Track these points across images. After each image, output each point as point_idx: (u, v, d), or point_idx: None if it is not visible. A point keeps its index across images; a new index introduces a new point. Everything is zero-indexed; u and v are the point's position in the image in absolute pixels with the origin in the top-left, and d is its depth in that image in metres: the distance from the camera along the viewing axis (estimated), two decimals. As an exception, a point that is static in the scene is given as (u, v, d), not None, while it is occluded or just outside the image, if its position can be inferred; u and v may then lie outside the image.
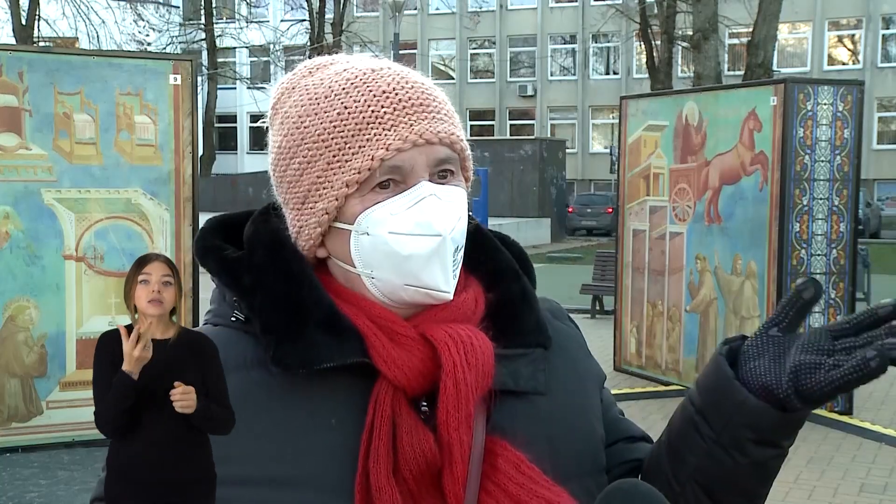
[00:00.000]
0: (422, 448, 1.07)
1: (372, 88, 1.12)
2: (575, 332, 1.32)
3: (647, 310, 9.17)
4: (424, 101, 1.14)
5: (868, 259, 11.73)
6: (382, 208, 1.11)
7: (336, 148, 1.12)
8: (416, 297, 1.13)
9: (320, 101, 1.14)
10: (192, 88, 6.78)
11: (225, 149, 45.04)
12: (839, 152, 7.64)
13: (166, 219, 6.69)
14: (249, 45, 37.58)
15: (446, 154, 1.14)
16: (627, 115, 9.42)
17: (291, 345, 1.10)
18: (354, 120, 1.11)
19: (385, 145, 1.10)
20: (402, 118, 1.11)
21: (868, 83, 17.75)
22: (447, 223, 1.11)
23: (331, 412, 1.11)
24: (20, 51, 7.27)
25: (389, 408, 1.09)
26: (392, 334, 1.11)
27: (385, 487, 1.06)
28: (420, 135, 1.11)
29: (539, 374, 1.19)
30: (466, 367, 1.09)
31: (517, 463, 1.10)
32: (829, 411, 7.69)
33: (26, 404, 6.45)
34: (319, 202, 1.13)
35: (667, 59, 23.71)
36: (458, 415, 1.08)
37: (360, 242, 1.12)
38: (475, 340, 1.11)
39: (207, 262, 1.20)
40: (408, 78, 1.15)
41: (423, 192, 1.11)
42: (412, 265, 1.11)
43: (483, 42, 44.19)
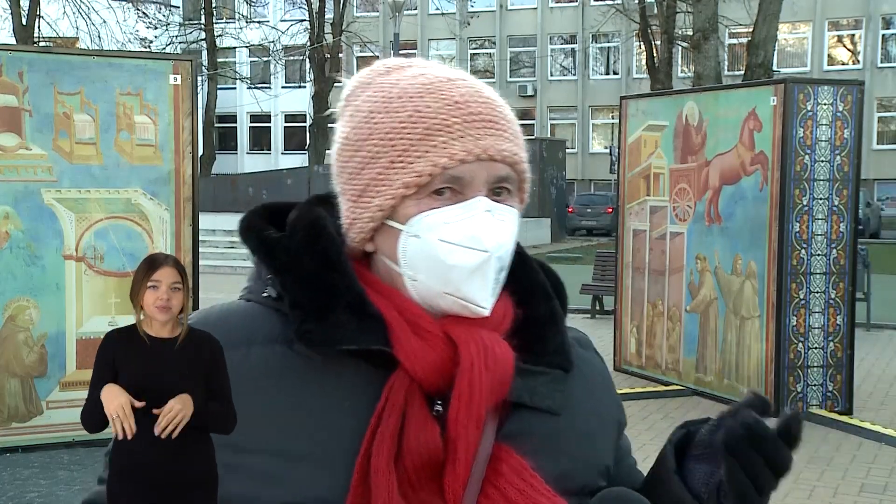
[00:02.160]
0: (426, 439, 1.09)
1: (445, 97, 1.14)
2: (601, 367, 1.33)
3: (648, 310, 9.17)
4: (494, 117, 1.15)
5: (868, 259, 11.73)
6: (437, 215, 1.12)
7: (401, 149, 1.13)
8: (453, 307, 1.14)
9: (393, 101, 1.16)
10: (192, 88, 6.78)
11: (225, 149, 45.02)
12: (839, 152, 7.64)
13: (166, 219, 6.69)
14: (249, 44, 37.58)
15: (506, 173, 1.15)
16: (627, 115, 9.42)
17: (317, 322, 1.13)
18: (423, 124, 1.13)
19: (450, 154, 1.12)
20: (470, 131, 1.13)
21: (868, 83, 17.75)
22: (496, 241, 1.12)
23: (346, 395, 1.13)
24: (20, 51, 7.27)
25: (402, 397, 1.10)
26: (416, 328, 1.13)
27: (383, 471, 1.07)
28: (485, 150, 1.12)
29: (556, 394, 1.20)
30: (484, 369, 1.10)
31: (520, 470, 1.11)
32: (830, 411, 7.69)
33: (26, 404, 6.45)
34: (376, 198, 1.15)
35: (667, 59, 23.72)
36: (469, 413, 1.09)
37: (409, 244, 1.14)
38: (497, 347, 1.13)
39: (248, 240, 1.22)
40: (481, 92, 1.17)
41: (479, 206, 1.12)
42: (455, 275, 1.12)
43: (483, 42, 44.19)
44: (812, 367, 7.73)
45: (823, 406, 7.73)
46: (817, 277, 7.66)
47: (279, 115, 45.20)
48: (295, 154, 43.77)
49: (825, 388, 7.77)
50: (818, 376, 7.74)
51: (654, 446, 6.92)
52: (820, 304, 7.69)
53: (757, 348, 7.83)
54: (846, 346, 7.80)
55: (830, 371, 7.77)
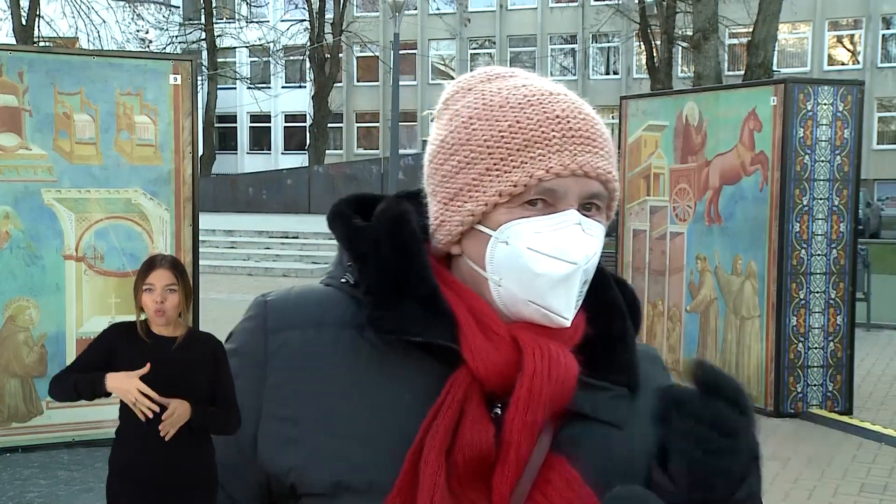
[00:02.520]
0: (479, 437, 1.11)
1: (547, 110, 1.16)
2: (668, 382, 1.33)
3: (648, 310, 9.17)
4: (592, 134, 1.17)
5: (868, 259, 11.74)
6: (528, 223, 1.14)
7: (498, 157, 1.16)
8: (534, 315, 1.16)
9: (494, 109, 1.18)
10: (192, 88, 6.78)
11: (225, 149, 45.03)
12: (839, 152, 7.64)
13: (166, 219, 6.69)
14: (249, 44, 37.59)
15: (598, 189, 1.17)
16: (627, 115, 9.42)
17: (388, 310, 1.16)
18: (524, 135, 1.15)
19: (546, 167, 1.14)
20: (568, 146, 1.15)
21: (868, 83, 17.74)
22: (584, 254, 1.14)
23: (408, 386, 1.16)
24: (20, 51, 7.28)
25: (462, 394, 1.13)
26: (485, 328, 1.15)
27: (432, 462, 1.09)
28: (581, 166, 1.15)
29: (620, 410, 1.21)
30: (546, 377, 1.12)
31: (570, 480, 1.13)
32: (830, 411, 7.69)
33: (26, 404, 6.45)
34: (468, 203, 1.17)
35: (667, 59, 23.73)
36: (525, 419, 1.11)
37: (497, 249, 1.16)
38: (562, 357, 1.14)
39: (335, 227, 1.26)
40: (581, 108, 1.19)
41: (570, 219, 1.14)
42: (540, 284, 1.14)
43: (483, 42, 44.20)
44: (812, 367, 7.73)
45: (823, 406, 7.74)
46: (817, 277, 7.66)
47: (279, 115, 45.20)
48: (295, 154, 43.77)
49: (825, 388, 7.77)
50: (818, 376, 7.74)
51: (654, 446, 6.90)
52: (820, 304, 7.69)
53: (757, 348, 7.83)
54: (846, 346, 7.80)
55: (830, 371, 7.77)
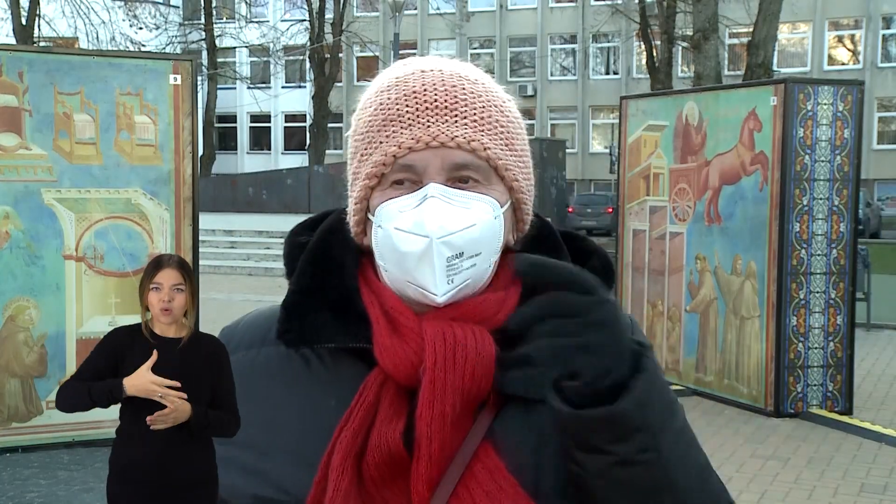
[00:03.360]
0: (386, 437, 1.08)
1: (405, 88, 1.15)
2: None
3: (647, 310, 9.17)
4: (452, 104, 1.14)
5: (868, 259, 11.73)
6: (393, 204, 1.13)
7: (366, 142, 1.17)
8: (415, 294, 1.13)
9: (369, 97, 1.19)
10: (192, 88, 6.78)
11: (225, 149, 45.01)
12: (839, 152, 7.64)
13: (166, 219, 6.69)
14: (249, 44, 37.58)
15: (465, 159, 1.13)
16: (627, 115, 9.42)
17: (298, 321, 1.16)
18: (381, 116, 1.15)
19: (398, 143, 1.12)
20: (420, 119, 1.13)
21: (868, 83, 17.75)
22: (439, 225, 1.09)
23: (335, 393, 1.14)
24: (20, 51, 7.27)
25: (374, 394, 1.11)
26: (396, 324, 1.13)
27: (336, 468, 1.07)
28: (434, 137, 1.12)
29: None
30: (451, 366, 1.08)
31: (493, 470, 1.08)
32: (829, 411, 7.69)
33: (26, 404, 6.45)
34: (354, 192, 1.19)
35: (667, 59, 23.72)
36: (432, 412, 1.07)
37: (377, 234, 1.15)
38: (471, 341, 1.10)
39: (285, 246, 1.28)
40: (447, 80, 1.15)
41: (427, 192, 1.11)
42: (407, 263, 1.12)
43: (483, 42, 44.18)
44: (812, 367, 7.73)
45: (823, 406, 7.73)
46: (817, 277, 7.66)
47: (279, 115, 45.19)
48: (295, 154, 43.76)
49: (825, 388, 7.77)
50: (818, 376, 7.74)
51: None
52: (820, 304, 7.69)
53: (757, 348, 7.83)
54: (846, 346, 7.80)
55: (830, 371, 7.77)
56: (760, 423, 7.48)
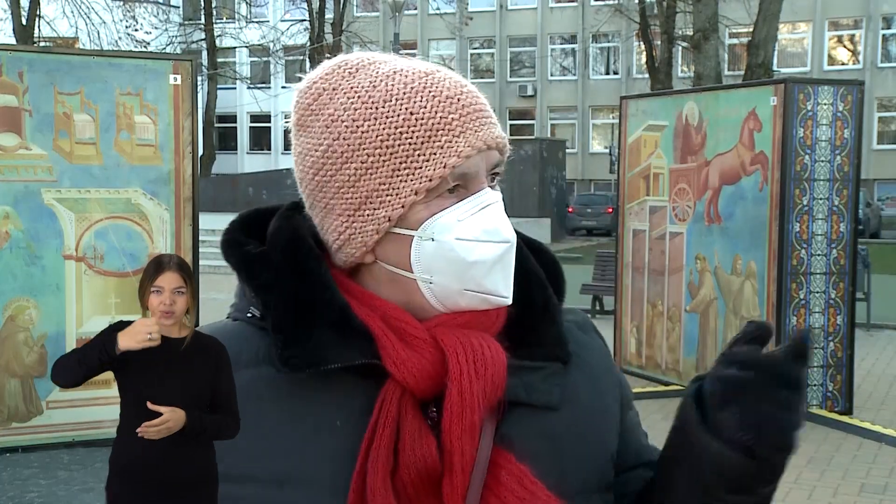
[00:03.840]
0: (422, 453, 1.06)
1: (435, 94, 1.11)
2: (600, 345, 1.30)
3: (647, 310, 9.17)
4: (481, 106, 1.14)
5: (868, 259, 11.73)
6: (449, 214, 1.10)
7: (403, 155, 1.09)
8: (473, 302, 1.12)
9: (379, 106, 1.11)
10: (192, 88, 6.78)
11: (225, 149, 45.02)
12: (839, 152, 7.64)
13: (166, 219, 6.69)
14: (249, 44, 37.57)
15: (498, 159, 1.15)
16: (627, 115, 9.42)
17: (299, 345, 1.09)
18: (423, 126, 1.09)
19: (457, 153, 1.09)
20: (468, 125, 1.11)
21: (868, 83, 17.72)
22: (511, 229, 1.12)
23: (337, 413, 1.10)
24: (20, 51, 7.28)
25: (395, 409, 1.08)
26: (403, 335, 1.10)
27: (380, 489, 1.04)
28: (485, 141, 1.11)
29: (554, 388, 1.17)
30: (474, 376, 1.07)
31: (520, 477, 1.09)
32: (829, 411, 7.69)
33: (26, 404, 6.45)
34: (381, 209, 1.10)
35: (667, 59, 23.72)
36: (462, 423, 1.06)
37: (423, 248, 1.11)
38: (487, 350, 1.10)
39: (229, 258, 1.20)
40: (462, 83, 1.15)
41: (487, 199, 1.11)
42: (476, 271, 1.10)
43: (483, 42, 44.19)
44: (812, 368, 7.72)
45: (823, 406, 7.73)
46: (817, 277, 7.66)
47: (279, 115, 45.17)
48: (295, 154, 43.69)
49: (825, 388, 7.77)
50: (818, 376, 7.74)
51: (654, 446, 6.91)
52: (820, 304, 7.69)
53: (757, 348, 7.82)
54: (846, 346, 7.80)
55: (830, 371, 7.77)
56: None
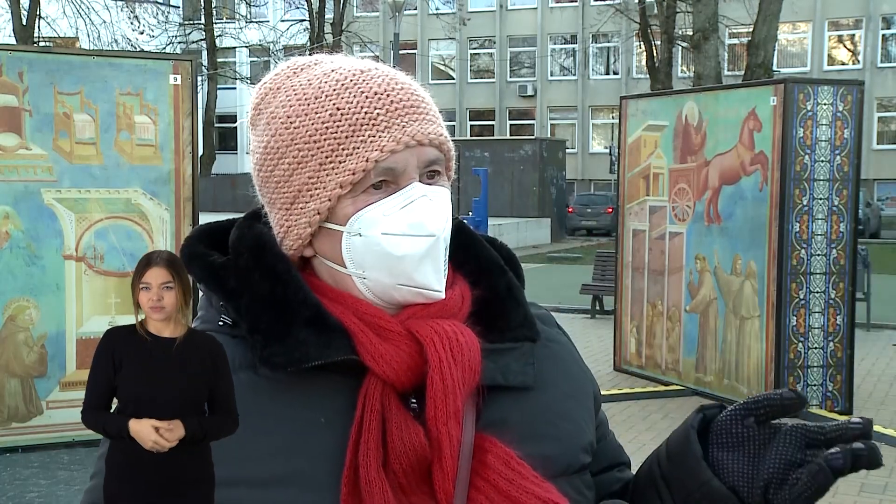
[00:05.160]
0: (412, 442, 1.08)
1: (364, 90, 1.14)
2: (566, 343, 1.32)
3: (647, 310, 9.17)
4: (415, 102, 1.15)
5: (868, 259, 11.73)
6: (376, 209, 1.12)
7: (329, 149, 1.13)
8: (408, 296, 1.14)
9: (311, 102, 1.15)
10: (192, 88, 6.78)
11: (225, 149, 45.03)
12: (839, 152, 7.64)
13: (166, 219, 6.69)
14: (249, 45, 37.58)
15: (435, 155, 1.15)
16: (627, 115, 9.42)
17: (279, 344, 1.11)
18: (348, 121, 1.12)
19: (379, 147, 1.11)
20: (395, 120, 1.13)
21: (868, 83, 17.73)
22: (439, 223, 1.13)
23: (320, 411, 1.11)
24: (20, 51, 7.27)
25: (379, 403, 1.09)
26: (379, 330, 1.12)
27: (375, 480, 1.06)
28: (413, 136, 1.12)
29: (528, 367, 1.19)
30: (452, 362, 1.09)
31: (506, 459, 1.10)
32: (829, 411, 7.69)
33: (26, 404, 6.45)
34: (311, 202, 1.14)
35: (667, 59, 23.73)
36: (447, 410, 1.08)
37: (353, 243, 1.13)
38: (461, 336, 1.12)
39: (193, 269, 1.18)
40: (397, 79, 1.17)
41: (415, 193, 1.12)
42: (405, 265, 1.12)
43: (483, 42, 44.19)
44: (812, 367, 7.73)
45: (823, 406, 7.73)
46: (817, 277, 7.66)
47: (279, 115, 45.16)
48: (295, 154, 43.72)
49: (825, 388, 7.77)
50: (818, 376, 7.74)
51: (654, 446, 6.90)
52: (820, 304, 7.69)
53: (757, 348, 7.83)
54: (846, 346, 7.80)
55: (830, 371, 7.77)
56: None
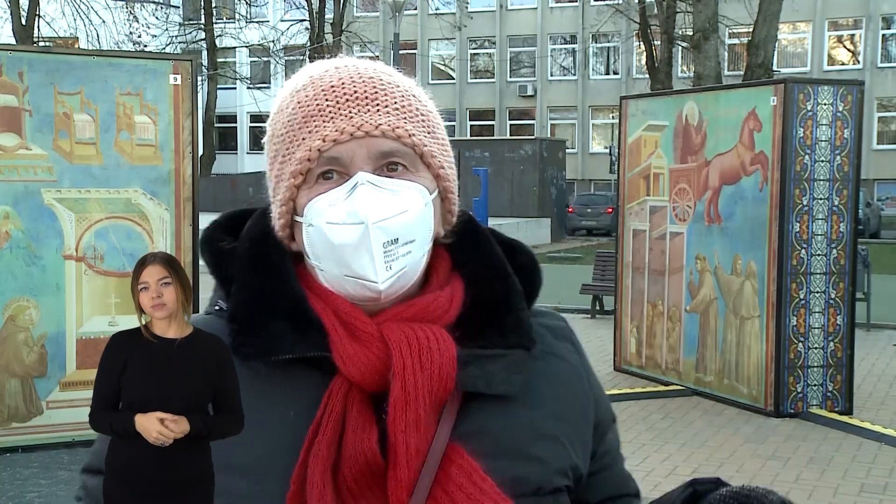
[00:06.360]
0: (363, 447, 1.06)
1: (322, 84, 1.15)
2: (575, 360, 1.26)
3: (647, 310, 9.16)
4: (372, 94, 1.14)
5: (868, 259, 11.73)
6: (323, 199, 1.12)
7: (287, 141, 1.15)
8: (355, 287, 1.12)
9: (284, 99, 1.19)
10: (192, 88, 6.78)
11: (225, 149, 45.01)
12: (839, 152, 7.64)
13: (166, 219, 6.68)
14: (249, 44, 37.57)
15: (391, 147, 1.13)
16: (627, 115, 9.42)
17: (253, 335, 1.11)
18: (301, 113, 1.15)
19: (322, 136, 1.12)
20: (342, 111, 1.12)
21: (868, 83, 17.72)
22: (376, 212, 1.09)
23: (293, 404, 1.11)
24: (20, 51, 7.27)
25: (341, 404, 1.08)
26: (353, 330, 1.11)
27: (317, 482, 1.05)
28: (358, 126, 1.11)
29: (514, 376, 1.14)
30: (419, 369, 1.08)
31: (469, 472, 1.08)
32: (830, 411, 7.69)
33: (26, 404, 6.45)
34: (279, 194, 1.16)
35: (667, 59, 23.72)
36: (406, 418, 1.07)
37: (309, 234, 1.13)
38: (434, 343, 1.10)
39: (203, 253, 1.23)
40: (364, 73, 1.16)
41: (356, 181, 1.10)
42: (344, 255, 1.10)
43: (483, 42, 44.18)
44: (812, 367, 7.73)
45: (823, 406, 7.73)
46: (817, 277, 7.66)
47: (279, 116, 45.16)
48: (295, 154, 43.72)
49: (825, 388, 7.76)
50: (818, 376, 7.74)
51: (654, 446, 6.92)
52: (820, 304, 7.68)
53: (757, 348, 7.83)
54: (846, 346, 7.80)
55: (830, 371, 7.77)
56: (760, 423, 7.47)
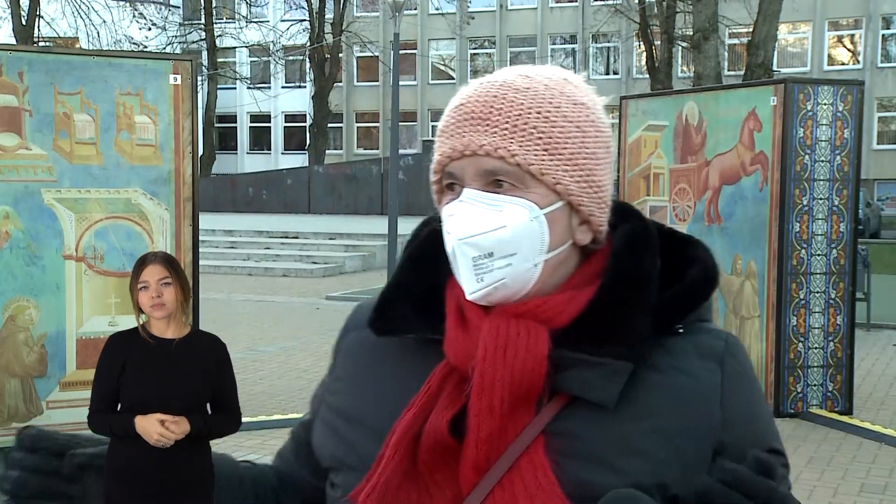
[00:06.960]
0: (437, 423, 1.15)
1: (455, 101, 1.24)
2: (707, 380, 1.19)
3: (647, 310, 9.15)
4: (486, 114, 1.19)
5: (868, 259, 11.73)
6: (445, 208, 1.22)
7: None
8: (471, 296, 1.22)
9: None
10: (192, 88, 6.77)
11: (225, 149, 45.02)
12: (839, 152, 7.64)
13: (166, 219, 6.69)
14: (249, 45, 37.59)
15: (494, 166, 1.17)
16: (627, 115, 9.42)
17: (384, 315, 1.27)
18: (440, 126, 1.24)
19: (442, 153, 1.22)
20: (458, 129, 1.20)
21: (868, 83, 17.73)
22: (466, 227, 1.16)
23: (416, 376, 1.22)
24: (20, 51, 7.26)
25: (438, 382, 1.18)
26: (465, 318, 1.20)
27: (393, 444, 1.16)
28: (466, 146, 1.18)
29: (612, 386, 1.12)
30: (500, 361, 1.13)
31: (537, 468, 1.11)
32: (830, 411, 7.69)
33: (26, 404, 6.44)
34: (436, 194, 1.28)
35: (667, 59, 23.74)
36: (480, 403, 1.13)
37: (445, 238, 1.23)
38: (523, 338, 1.15)
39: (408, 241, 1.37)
40: (489, 91, 1.21)
41: (461, 196, 1.19)
42: (452, 262, 1.21)
43: (483, 42, 44.19)
44: (812, 367, 7.73)
45: (823, 406, 7.73)
46: (817, 277, 7.66)
47: (279, 115, 45.19)
48: (295, 154, 43.75)
49: (825, 388, 7.77)
50: (818, 376, 7.74)
51: (654, 446, 6.90)
52: (820, 304, 7.69)
53: (757, 348, 7.83)
54: (846, 346, 7.80)
55: (830, 371, 7.77)
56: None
